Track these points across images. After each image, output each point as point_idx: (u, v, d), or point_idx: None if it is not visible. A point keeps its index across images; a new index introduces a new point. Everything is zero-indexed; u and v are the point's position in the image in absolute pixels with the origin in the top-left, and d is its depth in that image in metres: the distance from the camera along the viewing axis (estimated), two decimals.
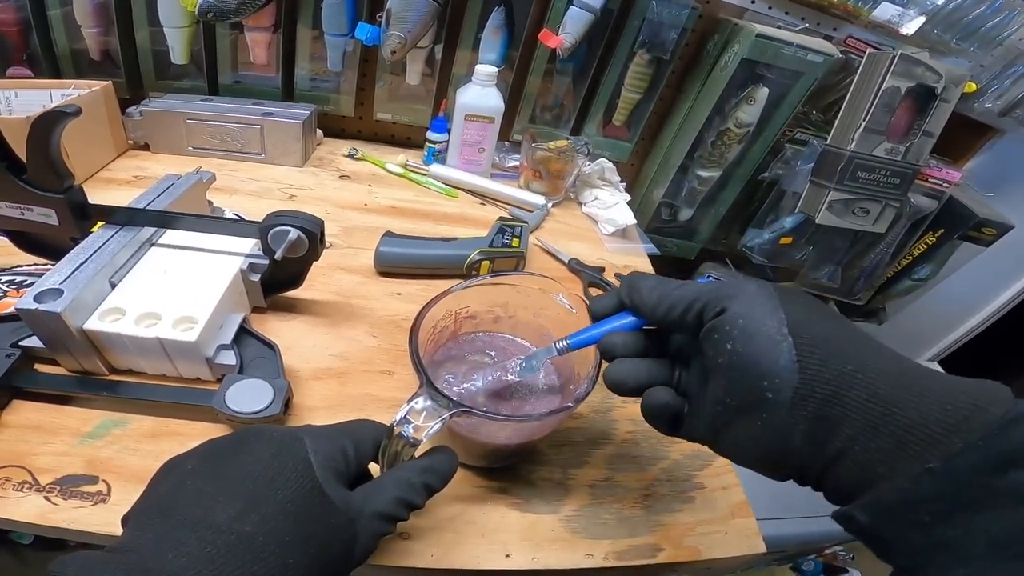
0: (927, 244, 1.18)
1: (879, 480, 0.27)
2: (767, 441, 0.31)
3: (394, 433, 0.36)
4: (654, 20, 0.94)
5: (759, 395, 0.30)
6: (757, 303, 0.31)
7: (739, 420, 0.32)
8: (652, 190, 1.19)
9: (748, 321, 0.31)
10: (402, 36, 0.85)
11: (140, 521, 0.29)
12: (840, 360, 0.29)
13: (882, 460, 0.27)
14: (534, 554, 0.45)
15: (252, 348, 0.53)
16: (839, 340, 0.30)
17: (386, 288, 0.70)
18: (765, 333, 0.30)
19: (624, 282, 0.39)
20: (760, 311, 0.31)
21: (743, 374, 0.30)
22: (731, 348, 0.31)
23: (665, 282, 0.37)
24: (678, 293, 0.35)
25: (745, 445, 0.33)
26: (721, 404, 0.32)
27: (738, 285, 0.33)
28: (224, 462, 0.31)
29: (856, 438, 0.28)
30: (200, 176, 0.65)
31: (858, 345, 0.30)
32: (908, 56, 0.91)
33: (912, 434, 0.26)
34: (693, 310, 0.34)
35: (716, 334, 0.32)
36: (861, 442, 0.28)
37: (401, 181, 0.98)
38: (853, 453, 0.28)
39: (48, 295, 0.44)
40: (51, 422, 0.46)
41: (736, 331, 0.31)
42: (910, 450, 0.26)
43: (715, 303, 0.33)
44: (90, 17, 0.86)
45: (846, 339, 0.30)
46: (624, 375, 0.37)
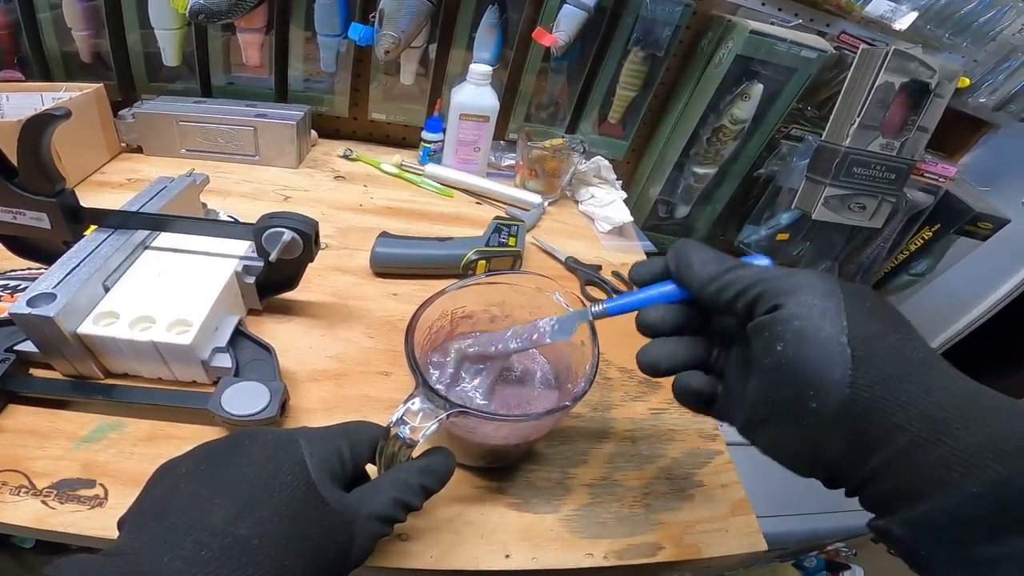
0: (924, 239, 1.19)
1: (919, 498, 0.26)
2: (805, 446, 0.30)
3: (390, 434, 0.36)
4: (648, 17, 0.94)
5: (802, 403, 0.28)
6: (818, 304, 0.29)
7: (777, 421, 0.31)
8: (648, 187, 1.19)
9: (805, 324, 0.28)
10: (396, 36, 0.85)
11: (135, 524, 0.29)
12: (897, 380, 0.27)
13: (924, 481, 0.26)
14: (534, 554, 0.45)
15: (248, 350, 0.53)
16: (901, 356, 0.28)
17: (382, 289, 0.69)
18: (822, 340, 0.28)
19: (673, 250, 0.36)
20: (819, 314, 0.28)
21: (788, 379, 0.29)
22: (780, 350, 0.29)
23: (720, 258, 0.34)
24: (732, 275, 0.33)
25: (780, 446, 0.32)
26: (760, 402, 0.31)
27: (800, 278, 0.30)
28: (219, 465, 0.31)
29: (899, 458, 0.26)
30: (193, 178, 0.64)
31: (920, 362, 0.28)
32: (902, 51, 0.91)
33: (959, 458, 0.25)
34: (746, 298, 0.31)
35: (766, 332, 0.30)
36: (904, 463, 0.26)
37: (396, 181, 0.97)
38: (893, 472, 0.27)
39: (41, 299, 0.44)
40: (47, 426, 0.46)
41: (789, 333, 0.29)
42: (955, 473, 0.25)
43: (771, 296, 0.30)
44: (80, 20, 0.85)
45: (909, 354, 0.28)
46: (657, 357, 0.36)
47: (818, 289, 0.30)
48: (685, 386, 0.36)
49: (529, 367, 0.53)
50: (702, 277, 0.34)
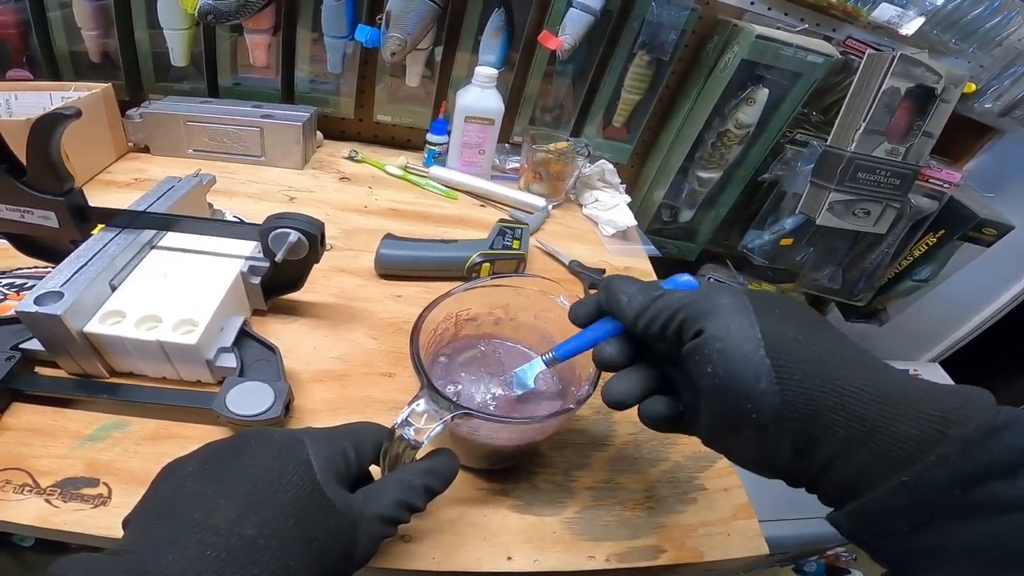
0: (928, 245, 1.18)
1: (860, 492, 0.28)
2: (757, 454, 0.31)
3: (395, 435, 0.36)
4: (653, 22, 0.95)
5: (744, 416, 0.30)
6: (733, 322, 0.30)
7: (728, 435, 0.32)
8: (652, 191, 1.19)
9: (725, 344, 0.30)
10: (402, 38, 0.85)
11: (140, 523, 0.29)
12: (819, 379, 0.28)
13: (862, 474, 0.27)
14: (536, 556, 0.45)
15: (253, 351, 0.53)
16: (818, 356, 0.29)
17: (386, 290, 0.70)
18: (743, 356, 0.29)
19: (602, 288, 0.38)
20: (736, 331, 0.30)
21: (726, 396, 0.30)
22: (711, 371, 0.30)
23: (645, 289, 0.36)
24: (656, 306, 0.34)
25: (739, 454, 0.34)
26: (709, 419, 0.33)
27: (713, 299, 0.32)
28: (224, 465, 0.31)
29: (838, 455, 0.28)
30: (200, 179, 0.65)
31: (839, 359, 0.29)
32: (908, 57, 0.91)
33: (889, 449, 0.26)
34: (673, 326, 0.33)
35: (696, 356, 0.31)
36: (842, 458, 0.28)
37: (401, 183, 0.98)
38: (836, 468, 0.28)
39: (48, 298, 0.44)
40: (51, 425, 0.46)
41: (715, 355, 0.30)
42: (887, 464, 0.26)
43: (692, 321, 0.32)
44: (90, 19, 0.86)
45: (826, 353, 0.29)
46: (621, 395, 0.37)
47: (729, 308, 0.31)
48: (651, 414, 0.37)
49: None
50: (631, 311, 0.35)
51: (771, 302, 0.32)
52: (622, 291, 0.36)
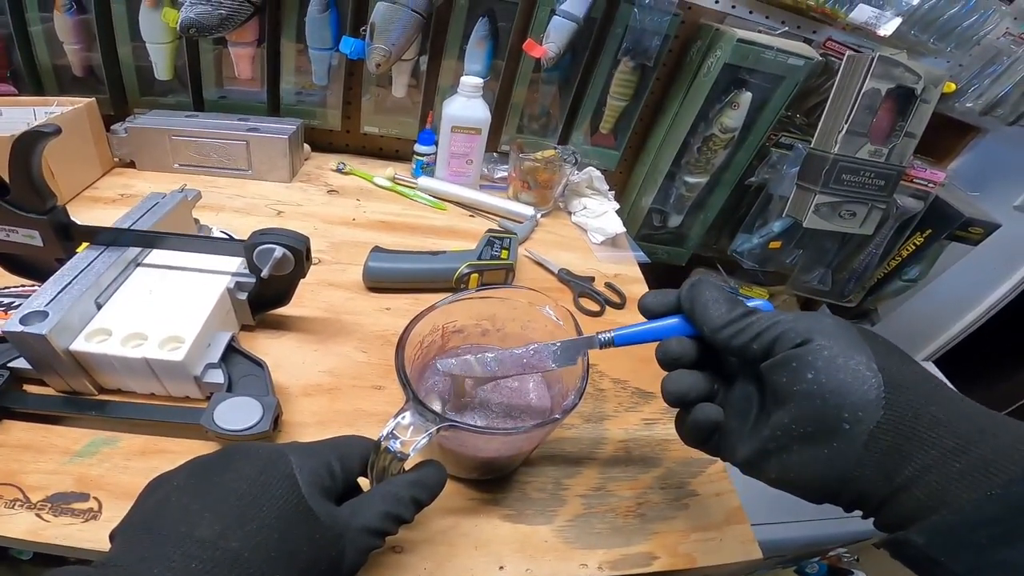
0: (915, 245, 1.19)
1: (942, 507, 0.27)
2: (830, 469, 0.31)
3: (381, 448, 0.36)
4: (637, 28, 0.95)
5: (834, 425, 0.30)
6: (843, 338, 0.31)
7: (801, 447, 0.32)
8: (641, 197, 1.19)
9: (835, 353, 0.31)
10: (387, 49, 0.85)
11: (126, 537, 0.29)
12: (924, 401, 0.29)
13: (949, 488, 0.27)
14: (528, 565, 0.45)
15: (241, 366, 0.53)
16: (922, 382, 0.30)
17: (375, 303, 0.70)
18: (853, 367, 0.30)
19: (688, 290, 0.38)
20: (847, 345, 0.31)
21: (821, 403, 0.30)
22: (812, 377, 0.30)
23: (732, 302, 0.36)
24: (747, 321, 0.34)
25: (799, 471, 0.32)
26: (783, 430, 0.32)
27: (817, 319, 0.33)
28: (210, 479, 0.31)
29: (929, 469, 0.28)
30: (185, 194, 0.65)
31: (939, 388, 0.30)
32: (886, 58, 0.91)
33: (983, 466, 0.27)
34: (763, 340, 0.33)
35: (795, 363, 0.31)
36: (933, 473, 0.28)
37: (389, 195, 0.98)
38: (921, 484, 0.28)
39: (34, 317, 0.44)
40: (41, 441, 0.46)
41: (820, 361, 0.30)
42: (977, 480, 0.27)
43: (795, 334, 0.32)
44: (71, 34, 0.86)
45: (927, 381, 0.30)
46: (687, 387, 0.37)
47: (838, 325, 0.32)
48: (704, 419, 0.37)
49: (522, 379, 0.53)
50: (716, 320, 0.35)
51: (876, 335, 0.33)
52: (712, 298, 0.36)
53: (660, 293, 0.40)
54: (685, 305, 0.38)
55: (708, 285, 0.37)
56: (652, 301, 0.40)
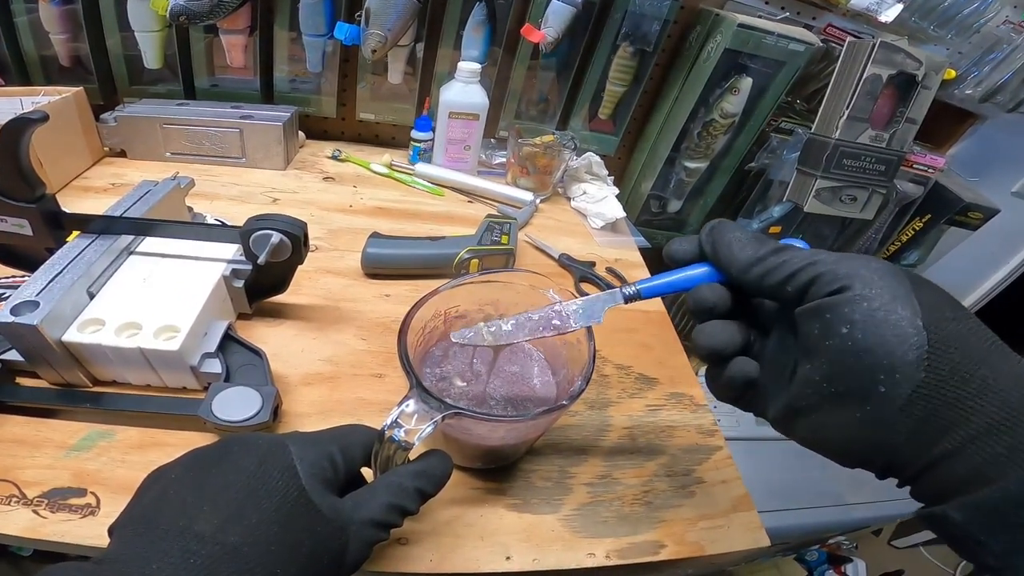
0: (915, 230, 1.19)
1: (985, 483, 0.25)
2: (862, 433, 0.28)
3: (385, 437, 0.35)
4: (636, 12, 0.94)
5: (868, 387, 0.27)
6: (888, 287, 0.28)
7: (832, 408, 0.29)
8: (640, 183, 1.18)
9: (875, 305, 0.27)
10: (382, 35, 0.84)
11: (124, 532, 0.28)
12: (973, 364, 0.26)
13: (994, 464, 0.25)
14: (535, 555, 0.45)
15: (238, 355, 0.52)
16: (974, 340, 0.27)
17: (374, 290, 0.69)
18: (894, 322, 0.27)
19: (708, 232, 0.35)
20: (891, 297, 0.27)
21: (855, 362, 0.27)
22: (847, 332, 0.27)
23: (759, 240, 0.33)
24: (778, 258, 0.31)
25: (831, 433, 0.30)
26: (813, 387, 0.30)
27: (861, 261, 0.29)
28: (208, 472, 0.30)
29: (972, 442, 0.26)
30: (178, 182, 0.63)
31: (991, 347, 0.27)
32: (888, 44, 0.91)
33: None
34: (797, 281, 0.30)
35: (828, 313, 0.28)
36: (976, 446, 0.26)
37: (386, 181, 0.96)
38: (962, 457, 0.26)
39: (24, 307, 0.43)
40: (35, 435, 0.46)
41: (858, 315, 0.27)
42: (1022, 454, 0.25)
43: (830, 278, 0.29)
44: (57, 23, 0.84)
45: (981, 339, 0.27)
46: (723, 343, 0.34)
47: (884, 271, 0.29)
48: (739, 375, 0.34)
49: (526, 366, 0.52)
50: (743, 259, 0.32)
51: (929, 283, 0.29)
52: (733, 238, 0.33)
53: (687, 240, 0.36)
54: (707, 248, 0.35)
55: (729, 226, 0.34)
56: (679, 248, 0.36)
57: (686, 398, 0.62)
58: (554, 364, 0.52)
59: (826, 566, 1.40)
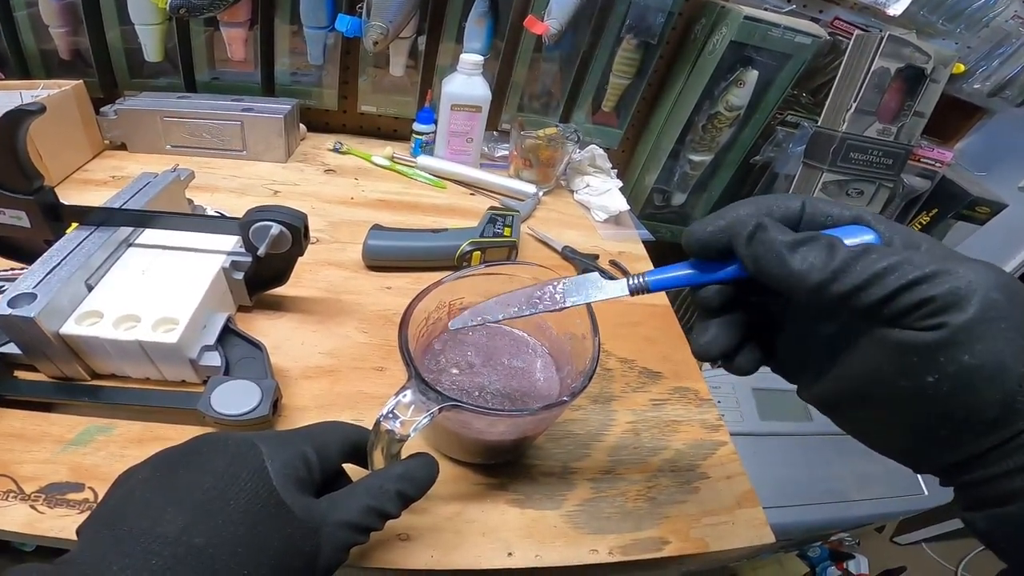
0: (921, 224, 1.18)
1: (1011, 500, 0.24)
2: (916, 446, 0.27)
3: (380, 428, 0.35)
4: (640, 4, 0.93)
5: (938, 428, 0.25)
6: (1001, 334, 0.22)
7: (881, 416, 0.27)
8: (644, 176, 1.18)
9: (978, 364, 0.22)
10: (384, 27, 0.83)
11: (89, 533, 0.28)
12: None
13: None
14: (537, 551, 0.44)
15: (238, 348, 0.51)
16: None
17: (375, 282, 0.68)
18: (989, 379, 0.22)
19: (746, 242, 0.27)
20: (999, 352, 0.22)
21: (928, 409, 0.24)
22: (933, 382, 0.23)
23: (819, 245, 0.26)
24: (862, 269, 0.24)
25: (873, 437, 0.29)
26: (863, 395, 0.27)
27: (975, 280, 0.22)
28: (175, 472, 0.30)
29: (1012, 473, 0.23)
30: (178, 174, 0.63)
31: None
32: (896, 37, 0.90)
33: None
34: (900, 302, 0.23)
35: (915, 356, 0.23)
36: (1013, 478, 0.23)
37: (388, 174, 0.96)
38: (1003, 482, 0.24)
39: (22, 299, 0.42)
40: (34, 429, 0.45)
41: (953, 367, 0.22)
42: None
43: (938, 306, 0.22)
44: (57, 17, 0.84)
45: None
46: (721, 347, 0.31)
47: (998, 304, 0.22)
48: (739, 371, 0.32)
49: (530, 360, 0.51)
50: (812, 279, 0.25)
51: None
52: (786, 245, 0.26)
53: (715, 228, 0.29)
54: (748, 264, 0.27)
55: (775, 228, 0.27)
56: (708, 238, 0.29)
57: (691, 392, 0.61)
58: (558, 359, 0.51)
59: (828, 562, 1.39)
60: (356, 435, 0.37)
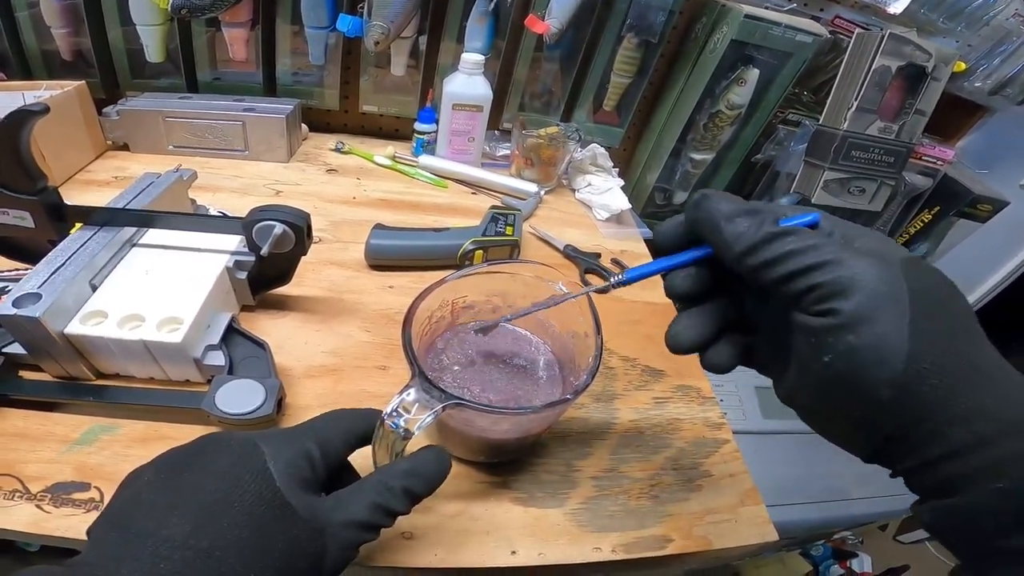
0: (923, 222, 1.19)
1: (952, 492, 0.25)
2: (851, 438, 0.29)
3: (385, 426, 0.35)
4: (641, 3, 0.93)
5: (848, 413, 0.27)
6: (881, 315, 0.25)
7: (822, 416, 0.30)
8: (645, 175, 1.18)
9: (861, 342, 0.25)
10: (385, 26, 0.83)
11: (98, 535, 0.28)
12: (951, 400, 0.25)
13: (961, 478, 0.25)
14: (541, 549, 0.44)
15: (242, 348, 0.51)
16: (958, 370, 0.25)
17: (378, 281, 0.68)
18: (876, 361, 0.25)
19: (692, 208, 0.31)
20: (881, 330, 0.25)
21: (832, 389, 0.27)
22: (828, 362, 0.26)
23: (755, 217, 0.28)
24: (775, 249, 0.27)
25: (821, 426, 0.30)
26: (799, 391, 0.30)
27: (858, 269, 0.25)
28: (180, 474, 0.30)
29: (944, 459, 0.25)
30: (181, 174, 0.63)
31: (974, 371, 0.25)
32: (897, 35, 0.90)
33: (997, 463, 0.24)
34: (793, 286, 0.27)
35: (813, 338, 0.26)
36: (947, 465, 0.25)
37: (390, 173, 0.96)
38: (937, 470, 0.26)
39: (26, 300, 0.43)
40: (38, 429, 0.45)
41: (841, 346, 0.25)
42: (990, 474, 0.24)
43: (824, 292, 0.26)
44: (58, 17, 0.84)
45: (966, 365, 0.25)
46: (690, 341, 0.33)
47: (880, 293, 0.25)
48: (716, 365, 0.33)
49: (533, 358, 0.51)
50: (736, 248, 0.28)
51: (929, 288, 0.26)
52: (722, 214, 0.29)
53: (674, 222, 0.33)
54: (692, 227, 0.31)
55: (715, 199, 0.30)
56: (663, 232, 0.33)
57: (693, 391, 0.61)
58: (561, 357, 0.51)
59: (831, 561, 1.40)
60: (361, 424, 0.37)
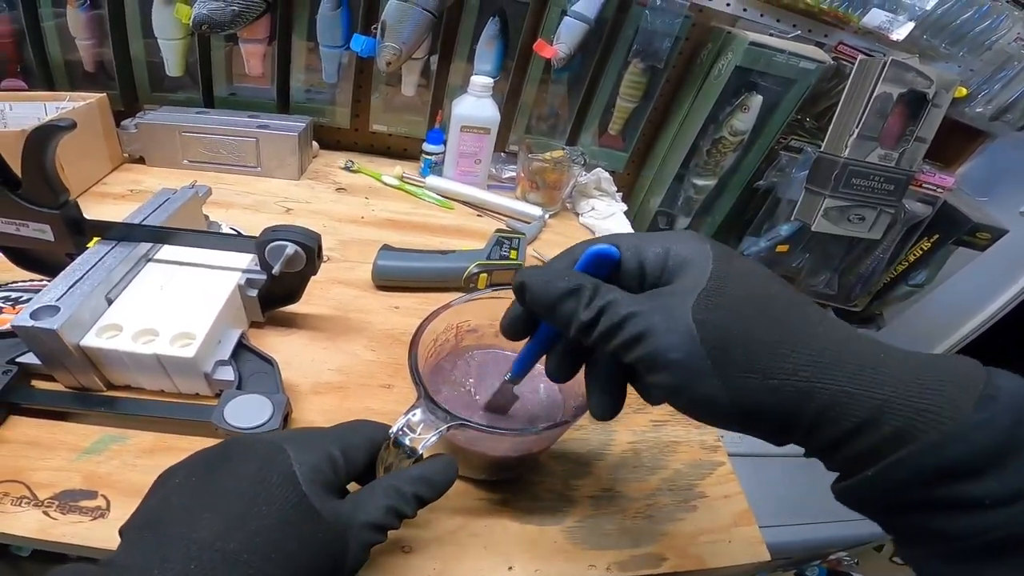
0: (922, 250, 1.19)
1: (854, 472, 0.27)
2: None
3: (391, 444, 0.36)
4: (648, 29, 0.95)
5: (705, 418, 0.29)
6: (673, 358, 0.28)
7: None
8: (648, 199, 1.19)
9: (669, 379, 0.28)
10: (397, 47, 0.85)
11: (130, 536, 0.29)
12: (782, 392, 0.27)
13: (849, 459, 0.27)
14: (537, 566, 0.45)
15: (251, 363, 0.53)
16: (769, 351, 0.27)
17: (384, 302, 0.69)
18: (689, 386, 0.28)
19: (516, 289, 0.34)
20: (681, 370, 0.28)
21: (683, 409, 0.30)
22: (659, 396, 0.30)
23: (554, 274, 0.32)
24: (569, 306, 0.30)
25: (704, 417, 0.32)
26: None
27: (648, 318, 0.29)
28: (209, 477, 0.31)
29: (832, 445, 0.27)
30: (196, 190, 0.64)
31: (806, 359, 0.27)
32: (899, 62, 0.91)
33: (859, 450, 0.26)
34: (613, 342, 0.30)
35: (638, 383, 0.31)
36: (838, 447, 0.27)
37: (397, 193, 0.98)
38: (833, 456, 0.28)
39: (44, 312, 0.44)
40: (49, 438, 0.46)
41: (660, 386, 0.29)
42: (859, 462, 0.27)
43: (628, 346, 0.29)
44: (84, 29, 0.86)
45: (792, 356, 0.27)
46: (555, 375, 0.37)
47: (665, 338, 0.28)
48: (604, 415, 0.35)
49: (534, 380, 0.52)
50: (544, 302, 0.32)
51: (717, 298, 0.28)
52: (532, 282, 0.32)
53: (510, 314, 0.37)
54: (519, 298, 0.34)
55: (524, 272, 0.33)
56: (507, 326, 0.37)
57: None
58: None
59: None
60: (381, 434, 0.38)
